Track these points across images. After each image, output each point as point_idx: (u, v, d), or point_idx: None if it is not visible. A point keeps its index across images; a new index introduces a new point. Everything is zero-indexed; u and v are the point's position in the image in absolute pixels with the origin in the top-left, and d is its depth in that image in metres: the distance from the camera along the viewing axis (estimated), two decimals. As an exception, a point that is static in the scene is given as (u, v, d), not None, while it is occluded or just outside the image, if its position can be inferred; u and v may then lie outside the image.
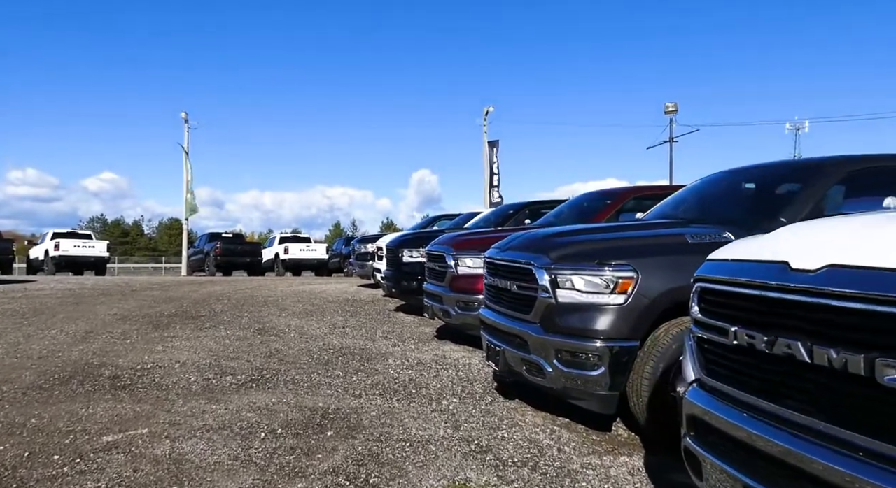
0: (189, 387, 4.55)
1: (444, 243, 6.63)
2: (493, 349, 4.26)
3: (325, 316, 9.14)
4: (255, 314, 9.16)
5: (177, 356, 5.71)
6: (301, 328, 7.78)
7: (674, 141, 27.22)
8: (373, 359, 5.87)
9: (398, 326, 8.18)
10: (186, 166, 26.13)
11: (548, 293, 3.65)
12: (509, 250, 4.18)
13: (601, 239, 3.87)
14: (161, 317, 8.56)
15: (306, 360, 5.71)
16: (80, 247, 23.45)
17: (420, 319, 8.94)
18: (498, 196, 25.90)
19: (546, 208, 9.50)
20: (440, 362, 5.80)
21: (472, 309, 6.13)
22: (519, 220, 9.20)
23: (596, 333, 3.46)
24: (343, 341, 6.83)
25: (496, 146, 26.37)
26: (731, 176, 4.62)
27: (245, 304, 10.51)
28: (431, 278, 6.98)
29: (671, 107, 27.29)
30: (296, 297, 11.96)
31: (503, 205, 10.35)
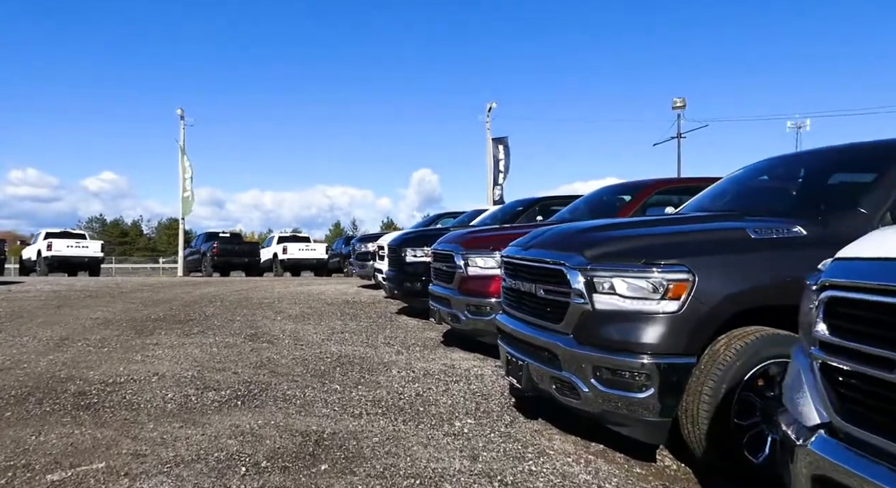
0: (163, 406, 3.96)
1: (452, 241, 6.05)
2: (514, 362, 3.68)
3: (322, 319, 8.56)
4: (249, 318, 8.58)
5: (156, 367, 5.13)
6: (296, 333, 7.19)
7: (682, 137, 26.58)
8: (374, 369, 5.29)
9: (401, 331, 7.60)
10: (183, 163, 25.54)
11: (583, 298, 3.06)
12: (534, 248, 3.60)
13: (646, 234, 3.28)
14: (146, 321, 7.98)
15: (300, 372, 5.13)
16: (73, 247, 22.86)
17: (425, 323, 8.36)
18: (499, 193, 25.31)
19: (558, 204, 8.92)
20: (449, 373, 5.22)
21: (483, 313, 5.55)
22: (529, 218, 8.61)
23: (643, 347, 2.88)
24: (342, 348, 6.25)
25: (502, 143, 25.76)
26: (782, 163, 4.04)
27: (238, 307, 9.93)
28: (438, 279, 6.40)
29: (679, 102, 26.61)
30: (293, 299, 11.38)
31: (512, 202, 9.76)
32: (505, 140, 25.86)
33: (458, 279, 5.77)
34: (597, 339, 3.02)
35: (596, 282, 3.04)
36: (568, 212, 7.06)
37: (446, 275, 6.09)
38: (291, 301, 11.07)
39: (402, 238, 8.89)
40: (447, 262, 6.05)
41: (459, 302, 5.73)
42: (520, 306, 3.72)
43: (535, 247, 3.60)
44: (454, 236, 6.20)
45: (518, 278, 3.72)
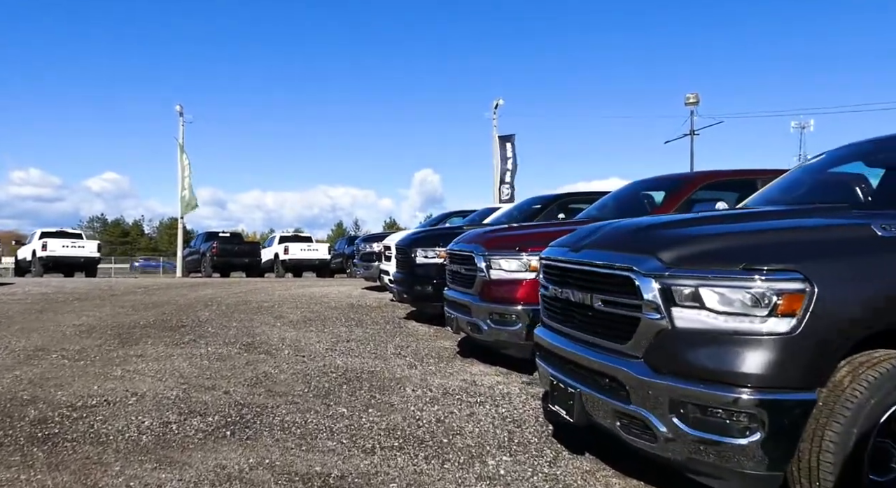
0: (137, 439, 3.31)
1: (472, 241, 5.39)
2: (561, 389, 3.02)
3: (326, 325, 7.90)
4: (246, 323, 7.93)
5: (136, 385, 4.48)
6: (297, 342, 6.54)
7: (695, 134, 25.83)
8: (386, 387, 4.64)
9: (412, 339, 6.94)
10: (182, 161, 24.91)
11: (659, 314, 2.40)
12: (588, 249, 2.93)
13: (741, 231, 2.61)
14: (134, 328, 7.33)
15: (301, 390, 4.48)
16: (68, 247, 22.24)
17: (436, 330, 7.70)
18: (507, 192, 24.64)
19: (580, 202, 8.27)
20: (471, 391, 4.56)
21: (508, 323, 4.90)
22: (548, 216, 7.95)
23: (743, 378, 2.21)
24: (348, 360, 5.60)
25: (509, 141, 25.08)
26: (886, 146, 3.36)
27: (236, 311, 9.28)
28: (455, 284, 5.74)
29: (692, 98, 25.78)
30: (294, 303, 10.73)
31: (528, 200, 9.09)
32: (512, 138, 25.19)
33: (480, 283, 5.11)
34: (678, 366, 2.36)
35: (676, 292, 2.38)
36: (595, 209, 6.40)
37: (465, 279, 5.43)
38: (292, 304, 10.42)
39: (411, 237, 8.23)
40: (466, 265, 5.39)
41: (481, 309, 5.07)
42: (568, 319, 3.06)
43: (588, 248, 2.93)
44: (473, 235, 5.54)
45: (566, 286, 3.05)
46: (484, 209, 11.95)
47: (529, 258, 4.87)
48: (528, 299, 4.84)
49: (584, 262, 2.89)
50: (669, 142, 27.32)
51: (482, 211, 11.95)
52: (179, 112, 25.58)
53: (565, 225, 5.43)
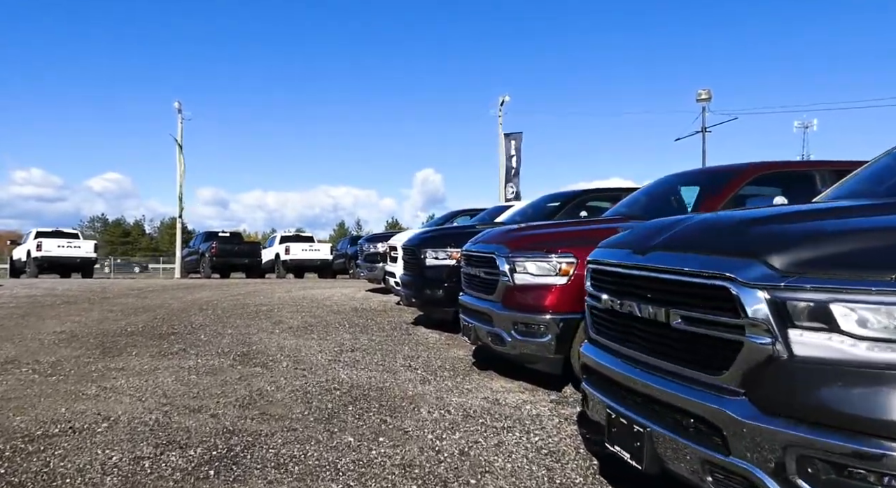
0: (99, 482, 2.72)
1: (494, 241, 4.79)
2: (623, 426, 2.42)
3: (328, 332, 7.32)
4: (242, 330, 7.35)
5: (110, 407, 3.89)
6: (297, 352, 5.95)
7: (707, 131, 25.13)
8: (397, 408, 4.05)
9: (422, 348, 6.35)
10: (180, 160, 24.37)
11: (770, 337, 1.81)
12: (660, 251, 2.32)
13: (884, 227, 2.00)
14: (120, 335, 6.75)
15: (301, 413, 3.89)
16: (64, 247, 21.69)
17: (448, 337, 7.12)
18: (513, 191, 24.05)
19: (604, 198, 7.68)
20: (496, 413, 3.97)
21: (536, 334, 4.31)
22: (569, 215, 7.35)
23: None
24: (353, 374, 5.01)
25: (515, 138, 24.48)
26: None
27: (232, 316, 8.70)
28: (472, 289, 5.14)
29: (704, 94, 25.05)
30: (294, 306, 10.15)
31: (543, 197, 8.49)
32: (519, 136, 24.58)
33: (503, 289, 4.51)
34: (813, 411, 1.76)
35: (796, 308, 1.78)
36: (624, 206, 5.80)
37: (484, 284, 4.84)
38: (293, 308, 9.84)
39: (420, 237, 7.64)
40: (486, 267, 4.79)
41: (504, 318, 4.47)
42: (631, 339, 2.46)
43: (660, 250, 2.33)
44: (495, 235, 4.94)
45: (628, 296, 2.45)
46: (494, 207, 11.35)
47: (560, 260, 4.28)
48: (559, 307, 4.25)
49: (655, 268, 2.29)
50: (680, 140, 26.65)
51: (492, 209, 11.35)
52: (178, 109, 25.04)
53: (599, 223, 4.85)
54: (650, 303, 2.31)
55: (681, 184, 5.34)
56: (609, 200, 7.56)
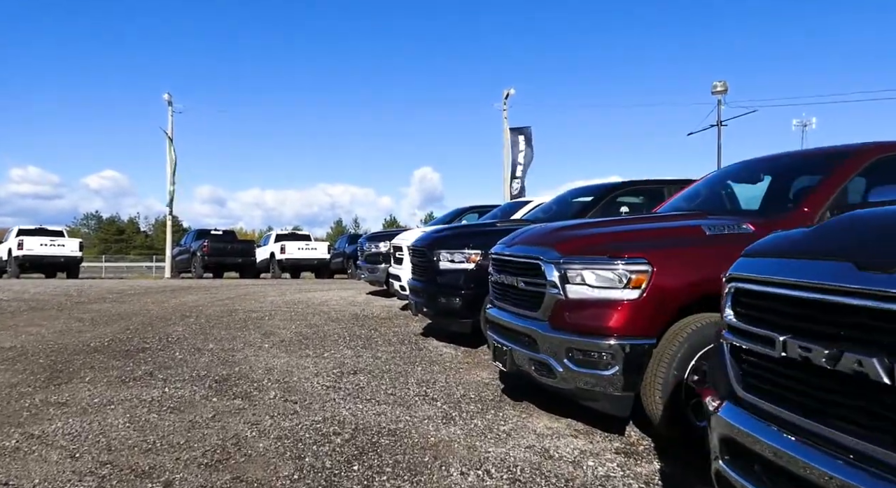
0: None
1: (538, 242, 3.75)
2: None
3: (326, 346, 6.30)
4: (226, 344, 6.32)
5: (27, 469, 2.86)
6: (288, 375, 4.93)
7: (722, 125, 23.97)
8: (419, 466, 3.03)
9: (437, 368, 5.34)
10: (170, 154, 23.25)
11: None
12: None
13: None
14: (79, 352, 5.72)
15: (289, 474, 2.87)
16: (47, 245, 20.59)
17: (465, 352, 6.11)
18: (517, 188, 23.02)
19: (644, 192, 6.66)
20: (549, 473, 2.96)
21: (598, 365, 3.28)
22: (605, 212, 6.33)
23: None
24: (357, 409, 3.99)
25: (523, 133, 23.41)
26: None
27: (217, 325, 7.67)
28: (507, 302, 4.10)
29: (719, 86, 23.87)
30: (288, 313, 9.11)
31: (571, 191, 7.46)
32: (526, 130, 23.52)
33: (552, 304, 3.47)
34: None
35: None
36: (683, 200, 4.80)
37: (525, 297, 3.80)
38: (286, 315, 8.80)
39: (432, 237, 6.61)
40: (528, 276, 3.75)
41: (553, 343, 3.43)
42: (815, 403, 1.44)
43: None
44: (537, 234, 3.90)
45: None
46: (507, 204, 10.34)
47: (629, 268, 3.26)
48: (628, 329, 3.23)
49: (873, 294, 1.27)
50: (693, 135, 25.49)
51: (505, 206, 10.33)
52: (168, 101, 23.88)
53: (677, 219, 3.82)
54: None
55: (765, 171, 4.31)
56: (650, 193, 6.56)
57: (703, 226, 3.44)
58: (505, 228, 6.43)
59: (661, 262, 3.25)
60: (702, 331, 3.20)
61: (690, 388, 3.21)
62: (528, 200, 9.39)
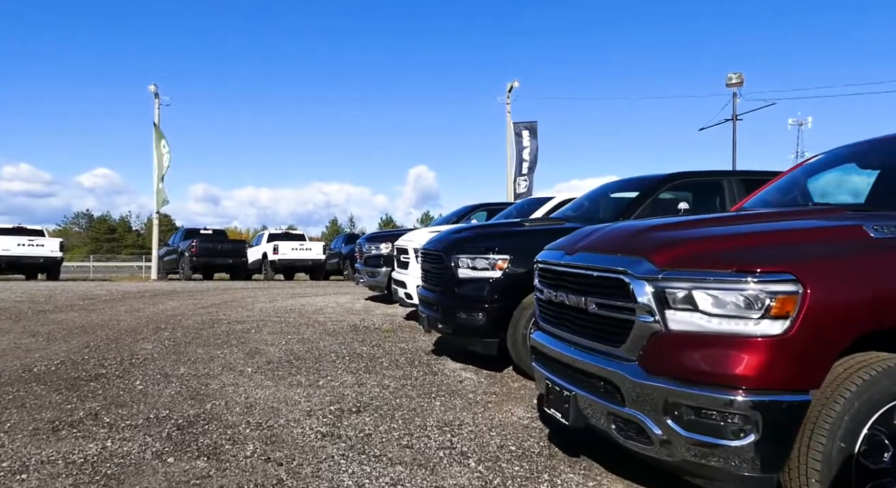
0: None
1: (619, 248, 2.63)
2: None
3: (321, 371, 5.23)
4: (200, 369, 5.24)
5: None
6: (273, 417, 3.86)
7: (738, 119, 22.90)
8: None
9: (459, 402, 4.28)
10: (159, 148, 22.08)
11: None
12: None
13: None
14: (12, 382, 4.61)
15: None
16: (25, 245, 19.39)
17: (488, 377, 5.08)
18: (525, 185, 21.98)
19: (707, 186, 5.62)
20: None
21: (722, 431, 2.31)
22: (655, 210, 5.28)
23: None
24: (363, 475, 2.92)
25: (529, 128, 22.34)
26: None
27: (195, 341, 6.59)
28: (565, 327, 3.01)
29: (735, 78, 22.67)
30: (278, 324, 8.04)
31: (608, 185, 6.38)
32: (532, 125, 22.45)
33: (645, 338, 2.38)
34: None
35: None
36: (778, 193, 3.75)
37: (598, 325, 2.70)
38: (276, 327, 7.73)
39: (450, 239, 5.54)
40: (604, 295, 2.64)
41: (648, 393, 2.36)
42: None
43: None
44: (613, 237, 2.78)
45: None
46: (525, 201, 9.27)
47: (767, 289, 2.20)
48: (766, 379, 2.18)
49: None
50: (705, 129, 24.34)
51: (522, 203, 9.27)
52: (154, 93, 22.65)
53: (803, 216, 2.76)
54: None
55: (859, 160, 3.27)
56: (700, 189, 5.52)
57: (866, 225, 2.39)
58: (536, 229, 5.39)
59: (816, 279, 2.19)
60: (879, 382, 2.16)
61: (865, 468, 2.16)
62: (550, 197, 8.34)
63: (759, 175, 5.49)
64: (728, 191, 5.39)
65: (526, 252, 5.03)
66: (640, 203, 5.36)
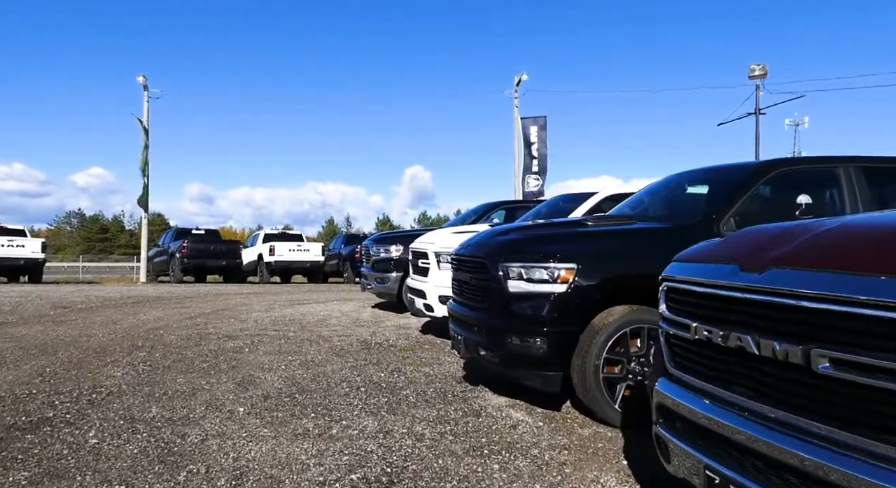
0: None
1: (873, 264, 1.56)
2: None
3: (332, 410, 4.09)
4: (178, 409, 4.10)
5: None
6: (273, 495, 2.73)
7: (761, 113, 21.76)
8: None
9: (524, 462, 3.16)
10: (146, 145, 20.87)
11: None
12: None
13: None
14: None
15: None
16: (4, 246, 18.18)
17: (547, 420, 3.98)
18: (536, 184, 20.87)
19: (819, 175, 4.51)
20: None
21: None
22: (750, 206, 4.15)
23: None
24: None
25: (537, 123, 21.22)
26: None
27: (175, 365, 5.44)
28: (725, 384, 1.88)
29: (758, 69, 21.43)
30: (277, 339, 6.89)
31: (680, 176, 5.25)
32: (541, 120, 21.33)
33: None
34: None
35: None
36: None
37: (787, 384, 1.59)
38: (274, 344, 6.58)
39: (496, 241, 4.39)
40: (855, 342, 1.55)
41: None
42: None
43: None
44: (866, 243, 1.71)
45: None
46: (558, 198, 8.14)
47: None
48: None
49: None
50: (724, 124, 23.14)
51: (554, 201, 8.15)
52: (143, 85, 21.42)
53: None
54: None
55: None
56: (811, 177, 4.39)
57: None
58: (607, 230, 4.26)
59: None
60: None
61: None
62: (589, 193, 7.22)
63: (884, 161, 4.40)
64: (846, 182, 4.28)
65: (597, 259, 3.93)
66: (738, 196, 4.23)
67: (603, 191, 6.96)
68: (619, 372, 3.86)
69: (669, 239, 4.01)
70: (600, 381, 3.79)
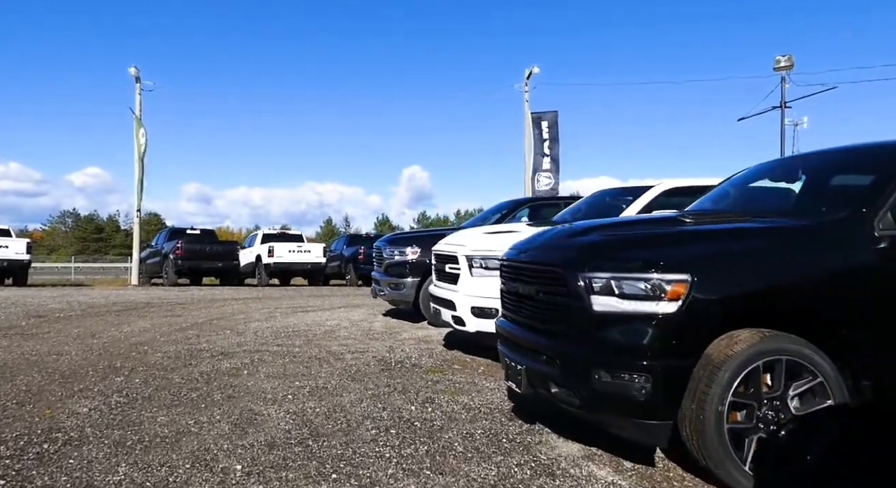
0: None
1: None
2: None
3: (358, 467, 3.07)
4: (155, 466, 3.08)
5: None
6: None
7: (786, 106, 20.69)
8: None
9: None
10: (138, 138, 19.82)
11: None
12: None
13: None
14: None
15: None
16: (-14, 247, 17.13)
17: (641, 478, 2.94)
18: (548, 182, 19.87)
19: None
20: None
21: None
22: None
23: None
24: None
25: (547, 119, 20.22)
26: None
27: (158, 394, 4.43)
28: None
29: (784, 61, 20.32)
30: (279, 357, 5.88)
31: (767, 163, 4.26)
32: (552, 116, 20.33)
33: None
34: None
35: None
36: None
37: None
38: (277, 364, 5.57)
39: (573, 244, 3.35)
40: None
41: None
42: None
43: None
44: None
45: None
46: (603, 193, 7.14)
47: None
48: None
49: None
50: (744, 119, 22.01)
51: (599, 196, 7.15)
52: (135, 77, 20.36)
53: None
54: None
55: None
56: None
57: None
58: (720, 228, 3.26)
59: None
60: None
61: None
62: (644, 186, 6.22)
63: None
64: None
65: (720, 267, 2.93)
66: (882, 188, 3.22)
67: (662, 184, 5.96)
68: (747, 419, 2.86)
69: (811, 239, 3.02)
70: (724, 433, 2.78)
